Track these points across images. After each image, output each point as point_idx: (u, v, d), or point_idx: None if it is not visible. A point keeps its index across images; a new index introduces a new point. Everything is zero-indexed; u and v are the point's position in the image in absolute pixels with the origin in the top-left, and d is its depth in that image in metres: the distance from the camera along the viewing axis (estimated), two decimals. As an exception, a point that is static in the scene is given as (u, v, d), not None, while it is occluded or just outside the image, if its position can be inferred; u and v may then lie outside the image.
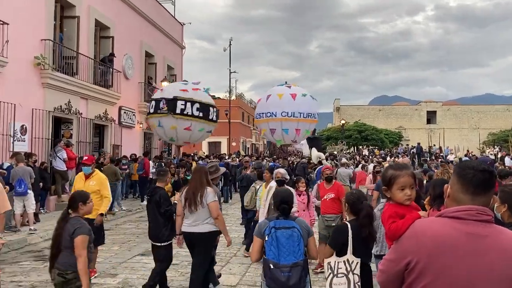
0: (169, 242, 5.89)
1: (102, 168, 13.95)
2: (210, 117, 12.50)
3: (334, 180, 7.75)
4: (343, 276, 3.78)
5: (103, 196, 6.76)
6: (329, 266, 3.85)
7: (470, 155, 29.75)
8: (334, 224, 7.01)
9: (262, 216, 6.63)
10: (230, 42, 37.84)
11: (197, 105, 12.08)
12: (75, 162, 14.49)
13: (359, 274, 3.76)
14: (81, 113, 15.71)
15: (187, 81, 13.01)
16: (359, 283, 3.75)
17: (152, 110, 14.08)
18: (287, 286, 3.67)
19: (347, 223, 4.04)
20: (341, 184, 13.91)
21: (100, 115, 17.09)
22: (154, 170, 16.51)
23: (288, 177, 7.09)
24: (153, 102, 11.86)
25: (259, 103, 13.06)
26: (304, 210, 7.40)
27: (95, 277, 6.71)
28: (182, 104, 11.59)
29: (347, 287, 3.75)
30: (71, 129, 15.36)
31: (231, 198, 17.50)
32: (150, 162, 16.99)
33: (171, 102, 11.94)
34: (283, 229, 3.78)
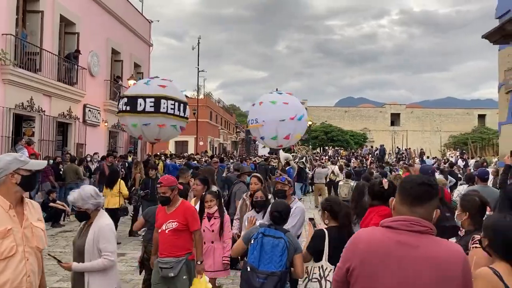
0: None
1: (61, 168, 13.62)
2: (181, 114, 12.07)
3: (180, 199, 4.82)
4: (316, 281, 3.84)
5: None
6: (306, 271, 3.92)
7: (425, 157, 30.76)
8: (172, 275, 4.44)
9: None
10: (198, 40, 37.55)
11: (171, 102, 11.72)
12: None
13: (331, 280, 3.80)
14: (44, 111, 15.29)
15: (158, 77, 12.78)
16: None
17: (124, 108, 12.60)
18: None
19: (324, 229, 4.08)
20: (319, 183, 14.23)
21: (63, 113, 16.69)
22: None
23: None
24: (126, 99, 11.18)
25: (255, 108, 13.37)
26: (212, 242, 5.18)
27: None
28: (164, 103, 11.37)
29: None
30: (33, 127, 14.94)
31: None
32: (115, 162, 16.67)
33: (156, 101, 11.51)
34: (271, 237, 3.80)
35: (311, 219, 4.41)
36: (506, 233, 2.51)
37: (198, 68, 38.21)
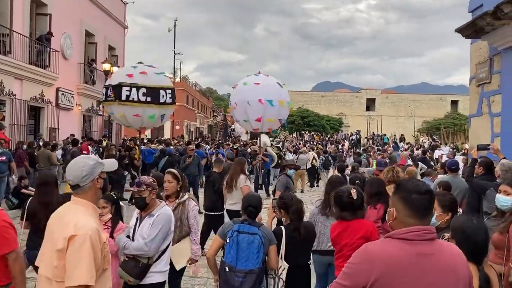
0: (221, 212, 7.37)
1: (35, 154, 13.34)
2: (161, 101, 12.13)
3: None
4: (272, 278, 3.96)
5: None
6: None
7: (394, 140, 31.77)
8: None
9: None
10: (175, 23, 37.01)
11: (143, 90, 11.73)
12: (8, 145, 13.79)
13: (284, 278, 3.91)
14: (15, 94, 14.92)
15: (142, 63, 12.74)
16: (283, 287, 3.90)
17: (103, 98, 13.31)
18: None
19: (282, 227, 4.15)
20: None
21: (36, 96, 16.32)
22: (93, 154, 16.02)
23: None
24: (104, 89, 11.58)
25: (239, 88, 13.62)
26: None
27: None
28: (127, 90, 11.37)
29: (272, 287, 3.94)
30: (4, 111, 14.58)
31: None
32: (89, 147, 16.45)
33: (117, 89, 11.60)
34: (246, 234, 3.80)
35: (274, 199, 4.44)
36: (473, 235, 2.62)
37: (174, 52, 37.75)
